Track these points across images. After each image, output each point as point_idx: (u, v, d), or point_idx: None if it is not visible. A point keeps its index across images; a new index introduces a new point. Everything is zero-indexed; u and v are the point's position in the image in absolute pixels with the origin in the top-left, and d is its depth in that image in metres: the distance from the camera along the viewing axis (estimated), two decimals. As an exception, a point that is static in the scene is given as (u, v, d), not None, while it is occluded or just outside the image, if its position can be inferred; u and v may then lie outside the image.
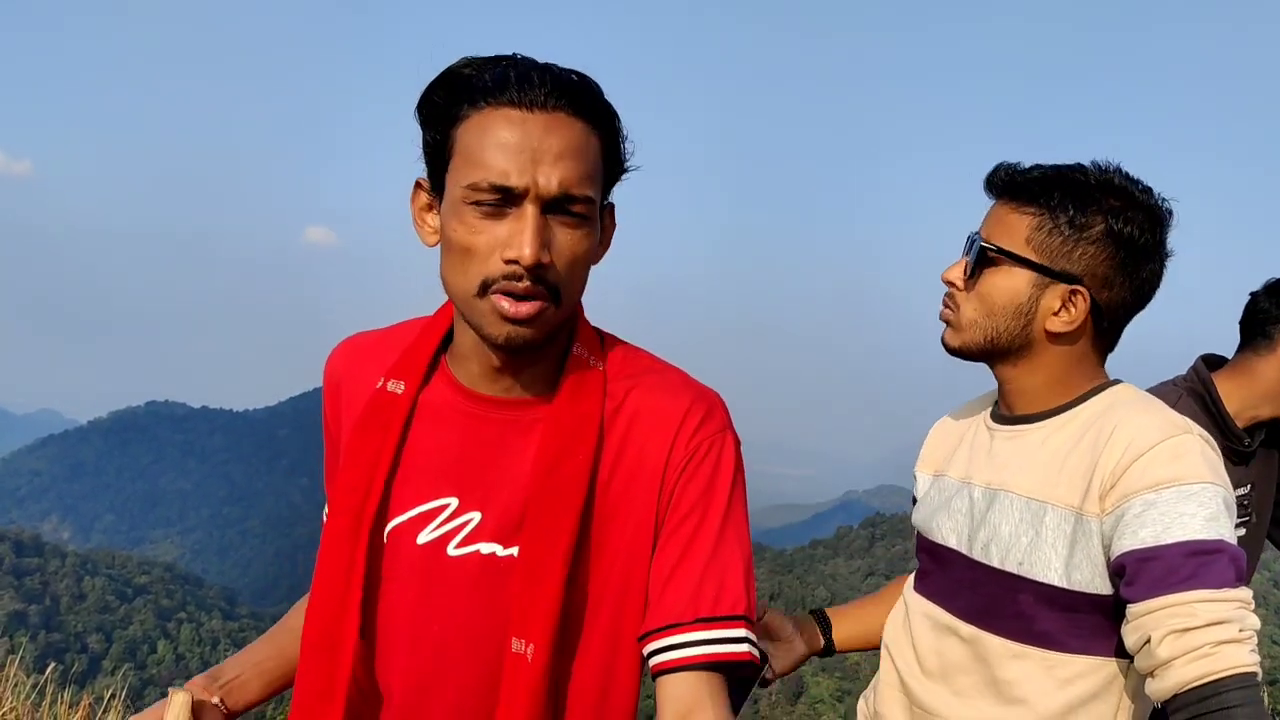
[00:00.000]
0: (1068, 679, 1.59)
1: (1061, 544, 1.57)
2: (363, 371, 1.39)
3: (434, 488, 1.30)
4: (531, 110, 1.17)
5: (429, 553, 1.29)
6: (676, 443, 1.28)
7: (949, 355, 1.73)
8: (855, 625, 2.04)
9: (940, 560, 1.76)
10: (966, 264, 1.67)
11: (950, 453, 1.84)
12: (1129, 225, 1.58)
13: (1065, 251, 1.59)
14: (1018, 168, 1.65)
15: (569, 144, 1.17)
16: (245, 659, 1.44)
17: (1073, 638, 1.59)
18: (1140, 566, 1.45)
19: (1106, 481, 1.52)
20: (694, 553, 1.27)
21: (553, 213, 1.18)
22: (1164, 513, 1.45)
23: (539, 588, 1.22)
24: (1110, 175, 1.61)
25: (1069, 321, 1.61)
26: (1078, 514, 1.55)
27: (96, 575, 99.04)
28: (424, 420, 1.32)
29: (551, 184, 1.16)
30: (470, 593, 1.28)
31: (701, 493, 1.28)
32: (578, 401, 1.28)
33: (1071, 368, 1.66)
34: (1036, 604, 1.60)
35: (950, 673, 1.71)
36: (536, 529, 1.24)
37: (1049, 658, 1.60)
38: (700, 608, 1.25)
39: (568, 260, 1.20)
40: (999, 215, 1.66)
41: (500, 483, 1.28)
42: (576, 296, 1.27)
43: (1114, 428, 1.55)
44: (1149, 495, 1.47)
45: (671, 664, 1.24)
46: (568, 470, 1.25)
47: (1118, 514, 1.50)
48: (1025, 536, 1.61)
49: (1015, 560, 1.61)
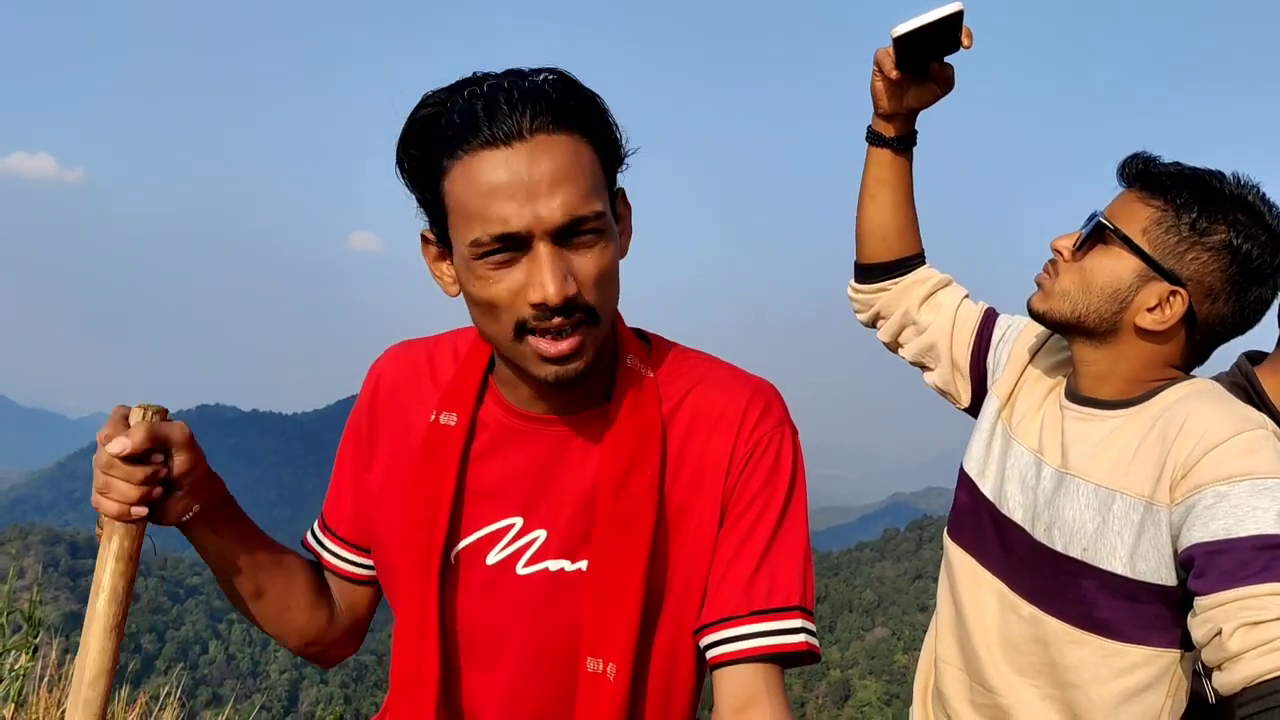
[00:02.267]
0: (1124, 668, 1.59)
1: (1128, 533, 1.56)
2: (415, 393, 1.38)
3: (498, 509, 1.30)
4: (510, 144, 1.10)
5: (499, 572, 1.29)
6: (739, 440, 1.28)
7: (1031, 318, 1.73)
8: (898, 185, 1.97)
9: (1003, 531, 1.74)
10: (1080, 236, 1.66)
11: (1026, 414, 1.78)
12: (1250, 243, 1.55)
13: (1179, 251, 1.57)
14: (1155, 160, 1.64)
15: (560, 166, 1.11)
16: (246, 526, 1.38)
17: (1132, 627, 1.58)
18: (1211, 559, 1.43)
19: (1178, 472, 1.51)
20: (751, 545, 1.27)
21: (565, 240, 1.14)
22: (1236, 506, 1.44)
23: (615, 607, 1.21)
24: (1245, 190, 1.58)
25: (1160, 321, 1.58)
26: (1148, 503, 1.54)
27: (149, 576, 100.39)
28: (481, 445, 1.31)
29: (555, 215, 1.11)
30: (542, 610, 1.28)
31: (761, 486, 1.28)
32: (636, 411, 1.27)
33: (1150, 367, 1.64)
34: (1099, 591, 1.59)
35: (1011, 651, 1.70)
36: (608, 546, 1.23)
37: (1107, 646, 1.60)
38: (755, 600, 1.25)
39: (594, 280, 1.16)
40: (1125, 200, 1.64)
41: (561, 499, 1.28)
42: (613, 306, 1.23)
43: (1186, 419, 1.53)
44: (1221, 488, 1.45)
45: (728, 656, 1.24)
46: (636, 485, 1.24)
47: (1188, 505, 1.48)
48: (1091, 524, 1.60)
49: (1079, 546, 1.61)
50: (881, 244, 1.98)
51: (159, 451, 1.22)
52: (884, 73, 1.81)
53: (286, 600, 1.41)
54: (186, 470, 1.23)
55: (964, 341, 1.94)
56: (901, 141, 1.93)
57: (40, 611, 3.84)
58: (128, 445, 1.18)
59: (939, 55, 1.77)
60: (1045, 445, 1.71)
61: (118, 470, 1.19)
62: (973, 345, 1.93)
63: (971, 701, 1.77)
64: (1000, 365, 1.88)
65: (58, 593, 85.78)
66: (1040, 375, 1.82)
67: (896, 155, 1.94)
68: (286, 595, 1.41)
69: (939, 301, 1.98)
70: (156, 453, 1.21)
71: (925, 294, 1.98)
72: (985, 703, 1.74)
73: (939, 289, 1.99)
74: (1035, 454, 1.72)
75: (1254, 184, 1.60)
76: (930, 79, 1.82)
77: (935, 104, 1.87)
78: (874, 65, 1.83)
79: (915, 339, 1.99)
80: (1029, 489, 1.71)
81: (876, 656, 78.18)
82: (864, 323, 2.09)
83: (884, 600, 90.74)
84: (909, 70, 1.79)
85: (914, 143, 1.95)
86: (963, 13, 1.66)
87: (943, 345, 1.95)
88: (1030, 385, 1.81)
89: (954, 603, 1.81)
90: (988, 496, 1.77)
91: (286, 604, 1.41)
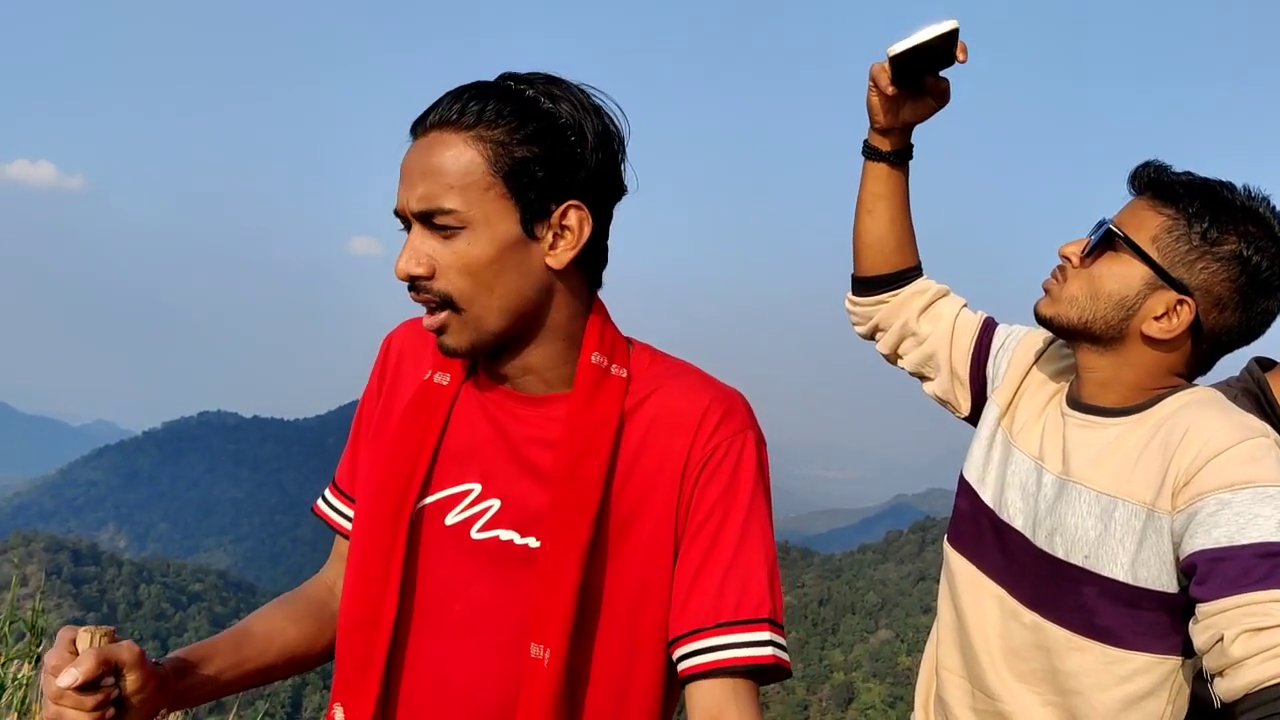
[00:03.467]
0: (1126, 675, 1.59)
1: (1130, 540, 1.56)
2: (420, 357, 1.44)
3: (461, 473, 1.34)
4: (415, 138, 1.27)
5: (455, 533, 1.33)
6: (695, 443, 1.30)
7: (1037, 323, 1.73)
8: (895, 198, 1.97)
9: (1003, 538, 1.74)
10: (1088, 242, 1.66)
11: (1027, 420, 1.79)
12: (1260, 255, 1.56)
13: (1188, 260, 1.57)
14: (1166, 168, 1.64)
15: (435, 161, 1.24)
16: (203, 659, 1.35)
17: (1134, 634, 1.58)
18: (1213, 566, 1.44)
19: (1180, 479, 1.51)
20: (715, 557, 1.28)
21: (431, 227, 1.26)
22: (1239, 513, 1.44)
23: (555, 591, 1.24)
24: (1256, 203, 1.59)
25: (1167, 330, 1.59)
26: (1149, 510, 1.55)
27: (152, 583, 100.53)
28: (461, 410, 1.37)
29: (410, 202, 1.25)
30: (491, 575, 1.31)
31: (721, 494, 1.29)
32: (593, 403, 1.31)
33: (1155, 375, 1.64)
34: (1100, 598, 1.59)
35: (1012, 658, 1.70)
36: (555, 530, 1.26)
37: (1109, 653, 1.60)
38: (722, 612, 1.26)
39: (453, 269, 1.25)
40: (1135, 208, 1.64)
41: (518, 474, 1.32)
42: (486, 302, 1.27)
43: (1189, 427, 1.54)
44: (1224, 495, 1.46)
45: (696, 669, 1.26)
46: (585, 472, 1.27)
47: (1189, 512, 1.49)
48: (1093, 531, 1.60)
49: (1081, 554, 1.61)
50: (879, 257, 1.99)
51: (110, 674, 1.17)
52: (880, 88, 1.81)
53: (287, 653, 1.44)
54: (138, 689, 1.19)
55: (963, 350, 1.94)
56: (898, 155, 1.93)
57: (43, 620, 3.83)
58: (78, 677, 1.12)
59: (934, 70, 1.78)
60: (1046, 452, 1.71)
61: (68, 700, 1.14)
62: (972, 353, 1.93)
63: (973, 709, 1.77)
64: (1000, 373, 1.88)
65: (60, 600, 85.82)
66: (1041, 383, 1.82)
67: (893, 169, 1.94)
68: (283, 650, 1.43)
69: (938, 311, 1.98)
70: (108, 675, 1.16)
71: (924, 304, 1.98)
72: (987, 709, 1.74)
73: (937, 299, 1.99)
74: (1036, 461, 1.72)
75: (1265, 196, 1.60)
76: (926, 94, 1.83)
77: (931, 117, 1.88)
78: (870, 81, 1.83)
79: (915, 349, 1.99)
80: (1030, 496, 1.71)
81: (880, 659, 78.15)
82: (863, 335, 2.09)
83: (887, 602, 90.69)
84: (905, 86, 1.79)
85: (910, 156, 1.95)
86: (958, 30, 1.67)
87: (942, 354, 1.96)
88: (1031, 393, 1.81)
89: (955, 610, 1.81)
90: (988, 504, 1.77)
91: (289, 655, 1.44)
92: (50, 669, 1.15)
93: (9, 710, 3.61)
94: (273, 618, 1.45)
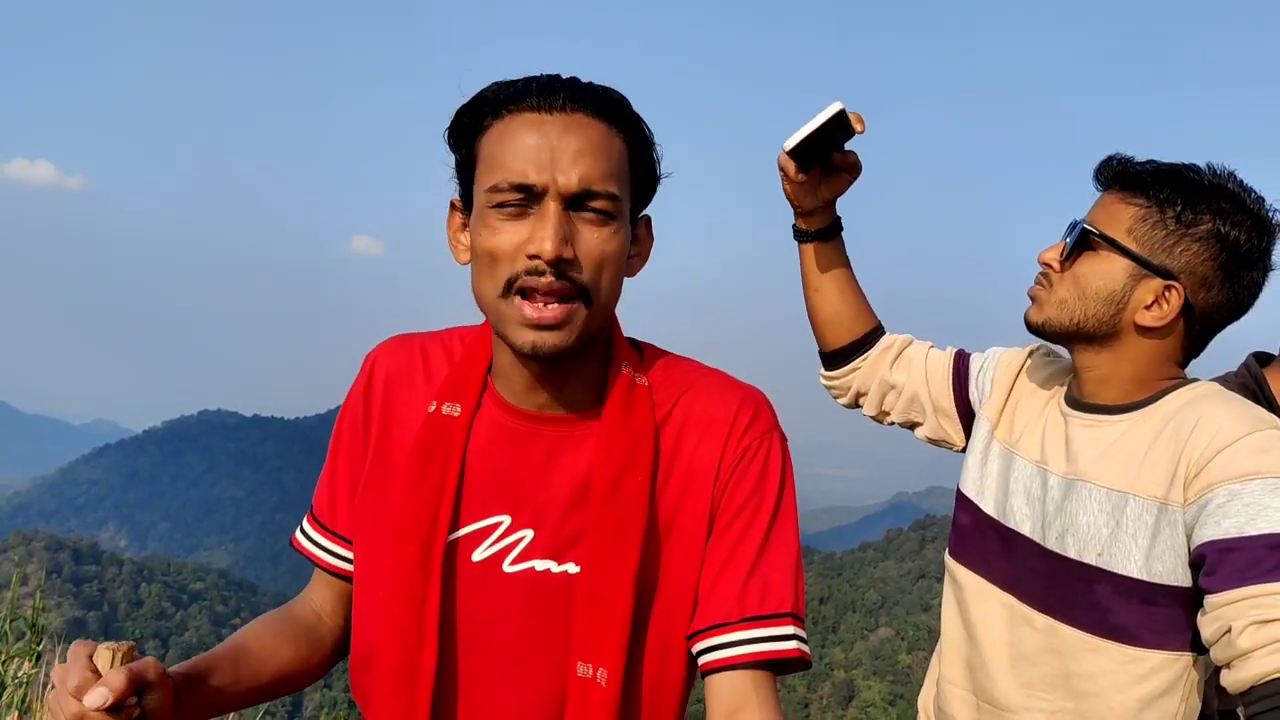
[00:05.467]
0: (1143, 674, 1.58)
1: (1143, 535, 1.55)
2: (411, 384, 1.38)
3: (486, 506, 1.29)
4: (550, 113, 1.18)
5: (484, 570, 1.28)
6: (727, 446, 1.29)
7: (1030, 332, 1.72)
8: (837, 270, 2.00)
9: (1010, 545, 1.73)
10: (1065, 246, 1.67)
11: (1024, 428, 1.78)
12: (1236, 229, 1.56)
13: (1167, 246, 1.58)
14: (1130, 160, 1.64)
15: (588, 142, 1.18)
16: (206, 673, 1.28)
17: (1149, 631, 1.57)
18: (1222, 557, 1.43)
19: (1191, 471, 1.51)
20: (742, 552, 1.27)
21: (576, 210, 1.18)
22: (1248, 504, 1.44)
23: (607, 612, 1.22)
24: (1224, 179, 1.60)
25: (1160, 317, 1.59)
26: (1161, 504, 1.54)
27: (152, 582, 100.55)
28: (477, 440, 1.31)
29: (571, 180, 1.16)
30: (527, 608, 1.27)
31: (750, 492, 1.29)
32: (629, 416, 1.28)
33: (1154, 365, 1.64)
34: (1114, 596, 1.59)
35: (1021, 665, 1.69)
36: (599, 550, 1.23)
37: (1126, 652, 1.59)
38: (747, 607, 1.25)
39: (595, 259, 1.19)
40: (1106, 203, 1.65)
41: (551, 500, 1.28)
42: (608, 300, 1.24)
43: (1198, 419, 1.54)
44: (1234, 486, 1.46)
45: (719, 663, 1.25)
46: (628, 490, 1.25)
47: (1200, 503, 1.49)
48: (1105, 528, 1.59)
49: (1094, 552, 1.60)
50: (840, 329, 2.03)
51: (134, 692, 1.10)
52: (790, 178, 1.85)
53: (282, 673, 1.38)
54: (159, 706, 1.13)
55: (942, 384, 1.97)
56: (828, 231, 1.97)
57: (43, 618, 3.84)
58: (109, 697, 1.06)
59: (838, 147, 1.80)
60: (1049, 455, 1.71)
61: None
62: (952, 384, 1.96)
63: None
64: (985, 393, 1.89)
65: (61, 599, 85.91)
66: (1031, 391, 1.82)
67: (827, 245, 1.98)
68: (278, 671, 1.37)
69: (908, 357, 2.02)
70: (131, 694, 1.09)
71: (893, 357, 2.02)
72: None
73: (905, 348, 2.03)
74: (1039, 465, 1.72)
75: (1230, 171, 1.61)
76: (837, 170, 1.85)
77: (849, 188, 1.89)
78: (780, 171, 1.86)
79: (897, 400, 2.02)
80: (1035, 500, 1.70)
81: (880, 657, 78.16)
82: (846, 405, 2.13)
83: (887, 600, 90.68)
84: (812, 168, 1.83)
85: (840, 229, 1.98)
86: (844, 110, 1.69)
87: (923, 393, 1.99)
88: (1023, 402, 1.82)
89: (962, 622, 1.80)
90: (990, 514, 1.77)
91: (284, 676, 1.38)
92: (72, 689, 1.07)
93: (10, 708, 3.62)
94: (265, 636, 1.38)
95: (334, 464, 1.42)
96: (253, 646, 1.36)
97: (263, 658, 1.35)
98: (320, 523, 1.43)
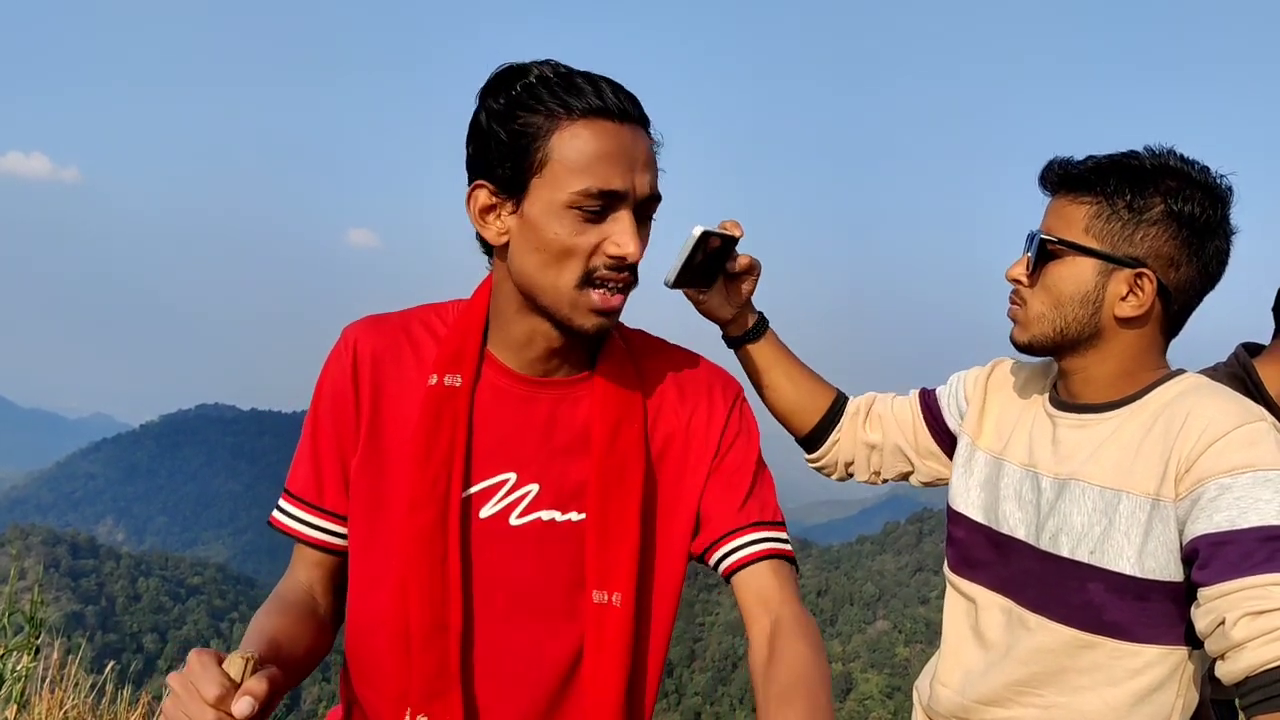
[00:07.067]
0: (1137, 669, 1.59)
1: (1136, 532, 1.56)
2: (399, 359, 1.46)
3: (492, 465, 1.41)
4: (622, 122, 1.31)
5: (492, 525, 1.40)
6: (712, 399, 1.50)
7: (1018, 351, 1.74)
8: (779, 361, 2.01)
9: (1004, 550, 1.74)
10: (1028, 260, 1.68)
11: (1009, 435, 1.80)
12: (1188, 204, 1.58)
13: (1126, 235, 1.59)
14: (1070, 161, 1.66)
15: (647, 152, 1.33)
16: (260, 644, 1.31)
17: (1142, 627, 1.58)
18: (1215, 550, 1.44)
19: (1182, 465, 1.52)
20: (738, 480, 1.48)
21: (639, 212, 1.34)
22: (1240, 497, 1.45)
23: (618, 544, 1.38)
24: (1165, 158, 1.61)
25: (1138, 305, 1.61)
26: (1154, 500, 1.55)
27: (150, 576, 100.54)
28: (481, 406, 1.42)
29: (645, 188, 1.32)
30: (534, 554, 1.40)
31: (735, 437, 1.50)
32: (619, 375, 1.46)
33: (1139, 355, 1.65)
34: (1107, 593, 1.59)
35: (1015, 665, 1.70)
36: (607, 491, 1.39)
37: (1120, 648, 1.59)
38: (752, 515, 1.46)
39: (642, 255, 1.35)
40: (1056, 209, 1.66)
41: (554, 455, 1.42)
42: None
43: (1188, 413, 1.55)
44: (1225, 479, 1.47)
45: (742, 560, 1.43)
46: (626, 438, 1.42)
47: (1192, 497, 1.50)
48: (1098, 526, 1.60)
49: (1086, 549, 1.61)
50: (805, 414, 2.05)
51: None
52: (695, 303, 1.90)
53: (311, 657, 1.42)
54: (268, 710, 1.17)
55: (915, 424, 1.99)
56: (756, 330, 1.98)
57: (42, 613, 3.84)
58: (255, 706, 1.09)
59: (727, 256, 1.79)
60: (1038, 458, 1.72)
61: None
62: (926, 421, 1.98)
63: None
64: (963, 413, 1.91)
65: (59, 593, 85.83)
66: (1008, 400, 1.85)
67: (761, 343, 1.99)
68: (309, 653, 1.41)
69: (876, 414, 2.04)
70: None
71: (864, 418, 2.04)
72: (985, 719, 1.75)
73: (870, 406, 2.06)
74: (1028, 468, 1.73)
75: (1169, 148, 1.62)
76: (736, 275, 1.88)
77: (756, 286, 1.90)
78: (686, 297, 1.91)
79: (882, 458, 2.04)
80: (1028, 503, 1.71)
81: (878, 649, 78.29)
82: (839, 479, 2.14)
83: (885, 593, 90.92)
84: (710, 285, 1.85)
85: (766, 324, 2.00)
86: (707, 230, 1.69)
87: (903, 439, 2.01)
88: (1002, 411, 1.84)
89: (958, 628, 1.83)
90: (982, 523, 1.79)
91: (310, 660, 1.42)
92: (213, 699, 1.09)
93: (8, 702, 3.62)
94: (285, 626, 1.39)
95: (314, 442, 1.46)
96: (282, 640, 1.36)
97: (293, 646, 1.38)
98: (304, 500, 1.47)
